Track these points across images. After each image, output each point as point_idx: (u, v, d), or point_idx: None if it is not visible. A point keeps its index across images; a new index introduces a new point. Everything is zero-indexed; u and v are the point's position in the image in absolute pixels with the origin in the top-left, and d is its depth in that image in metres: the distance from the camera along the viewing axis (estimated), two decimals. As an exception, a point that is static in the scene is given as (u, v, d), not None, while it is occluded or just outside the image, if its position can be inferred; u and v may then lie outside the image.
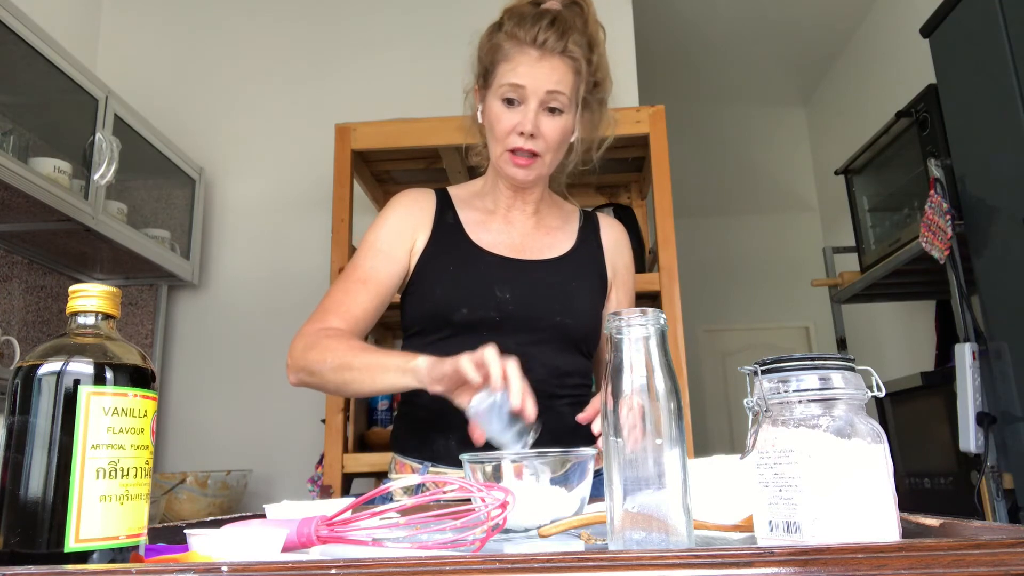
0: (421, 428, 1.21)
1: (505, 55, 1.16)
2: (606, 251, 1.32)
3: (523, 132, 1.15)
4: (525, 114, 1.15)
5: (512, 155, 1.17)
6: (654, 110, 2.16)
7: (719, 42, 4.14)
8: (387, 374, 1.06)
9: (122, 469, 0.55)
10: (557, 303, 1.19)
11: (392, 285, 1.22)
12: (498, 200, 1.28)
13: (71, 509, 0.53)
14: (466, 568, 0.45)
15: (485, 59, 1.20)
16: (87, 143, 2.08)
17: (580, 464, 0.78)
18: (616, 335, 0.60)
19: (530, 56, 1.14)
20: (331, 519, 0.61)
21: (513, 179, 1.21)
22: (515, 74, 1.14)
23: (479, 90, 1.23)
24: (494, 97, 1.17)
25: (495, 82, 1.17)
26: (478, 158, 1.33)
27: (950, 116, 2.12)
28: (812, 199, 5.05)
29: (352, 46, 2.93)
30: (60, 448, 0.53)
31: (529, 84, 1.14)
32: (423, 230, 1.24)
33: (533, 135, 1.15)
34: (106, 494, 0.54)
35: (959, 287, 2.08)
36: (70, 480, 0.53)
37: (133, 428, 0.56)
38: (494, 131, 1.18)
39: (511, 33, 1.16)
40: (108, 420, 0.55)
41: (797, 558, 0.45)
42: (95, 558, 0.53)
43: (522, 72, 1.14)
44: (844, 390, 0.56)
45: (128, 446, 0.56)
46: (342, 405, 2.05)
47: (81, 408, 0.54)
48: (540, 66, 1.14)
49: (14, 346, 2.01)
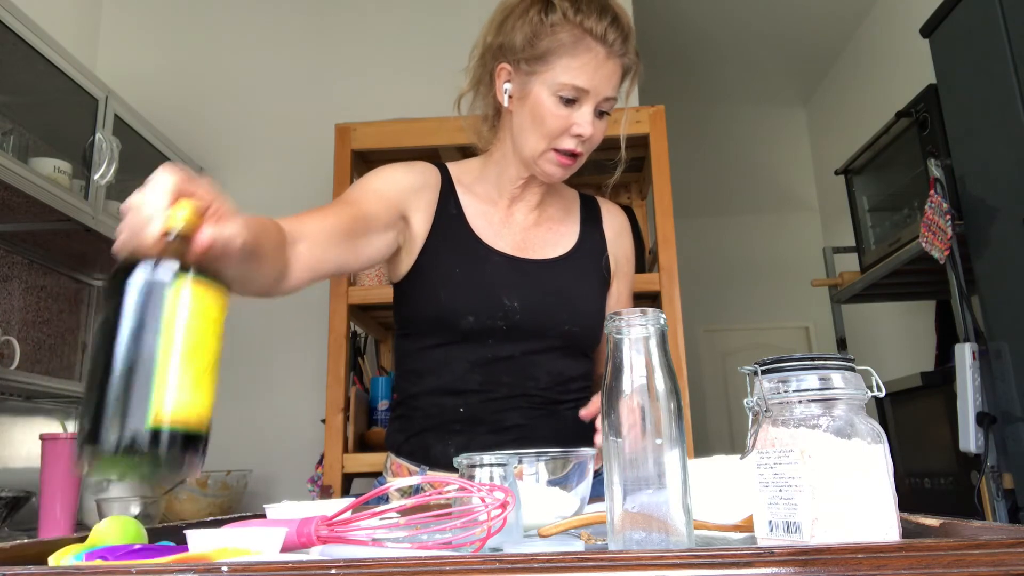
0: (417, 432, 1.17)
1: (567, 48, 1.05)
2: (609, 242, 1.27)
3: (580, 135, 1.08)
4: (582, 116, 1.07)
5: (557, 154, 1.10)
6: (654, 110, 2.16)
7: (719, 42, 4.15)
8: None
9: (199, 360, 0.58)
10: (564, 312, 1.16)
11: (372, 226, 1.09)
12: (503, 190, 1.20)
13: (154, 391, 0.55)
14: (466, 568, 0.45)
15: (537, 43, 1.07)
16: (87, 143, 2.08)
17: (580, 464, 0.78)
18: (616, 335, 0.60)
19: (597, 56, 1.05)
20: (331, 519, 0.61)
21: (550, 176, 1.14)
22: (581, 75, 1.05)
23: (517, 72, 1.10)
24: (546, 89, 1.07)
25: (551, 76, 1.06)
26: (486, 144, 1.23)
27: (950, 116, 2.12)
28: (812, 199, 5.05)
29: (352, 46, 2.93)
30: (146, 336, 0.56)
31: (593, 88, 1.06)
32: (424, 212, 1.16)
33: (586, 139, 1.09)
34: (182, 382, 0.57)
35: (959, 287, 2.08)
36: (154, 366, 0.55)
37: (207, 319, 0.59)
38: (544, 127, 1.08)
39: (573, 20, 1.05)
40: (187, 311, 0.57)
41: (797, 558, 0.45)
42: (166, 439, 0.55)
43: (589, 73, 1.05)
44: (844, 390, 0.56)
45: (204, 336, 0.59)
46: (342, 405, 2.05)
47: (168, 300, 0.57)
48: (605, 68, 1.06)
49: (14, 346, 2.01)
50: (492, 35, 1.13)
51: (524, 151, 1.12)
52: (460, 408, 1.13)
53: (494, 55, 1.13)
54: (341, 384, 2.06)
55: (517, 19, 1.09)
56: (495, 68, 1.13)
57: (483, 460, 0.69)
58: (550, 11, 1.06)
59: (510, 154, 1.17)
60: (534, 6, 1.08)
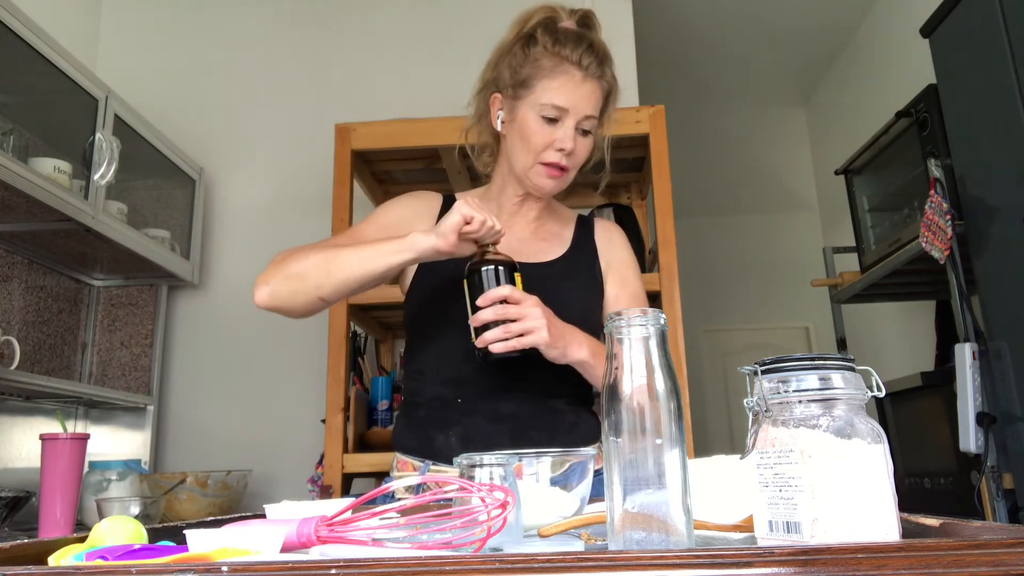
0: (421, 426, 1.24)
1: (547, 72, 1.20)
2: (599, 250, 1.35)
3: (563, 149, 1.20)
4: (564, 132, 1.20)
5: (545, 167, 1.22)
6: (654, 110, 2.16)
7: (719, 42, 4.14)
8: (382, 255, 1.11)
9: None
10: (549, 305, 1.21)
11: None
12: (503, 206, 1.33)
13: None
14: (466, 568, 0.45)
15: (521, 71, 1.22)
16: (87, 143, 2.08)
17: (580, 464, 0.78)
18: (616, 335, 0.60)
19: (574, 78, 1.19)
20: (331, 519, 0.61)
21: (541, 189, 1.26)
22: (560, 95, 1.19)
23: (506, 99, 1.25)
24: (531, 111, 1.21)
25: (534, 97, 1.20)
26: (486, 167, 1.37)
27: (950, 116, 2.12)
28: (812, 199, 5.05)
29: (352, 46, 2.93)
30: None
31: (572, 107, 1.19)
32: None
33: (569, 153, 1.21)
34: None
35: (959, 287, 2.08)
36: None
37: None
38: (530, 143, 1.21)
39: (552, 51, 1.20)
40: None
41: (797, 558, 0.45)
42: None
43: (567, 93, 1.19)
44: (844, 390, 0.56)
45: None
46: (342, 405, 2.05)
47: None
48: (582, 89, 1.19)
49: (14, 346, 2.01)
50: (488, 73, 1.30)
51: (516, 167, 1.26)
52: (458, 399, 1.22)
53: (489, 88, 1.29)
54: (341, 384, 2.06)
55: (506, 56, 1.26)
56: (490, 99, 1.29)
57: (483, 460, 0.69)
58: (532, 44, 1.22)
59: (507, 174, 1.31)
60: (519, 42, 1.24)
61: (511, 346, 1.07)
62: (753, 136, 5.04)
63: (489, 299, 1.07)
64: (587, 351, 1.14)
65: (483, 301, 1.08)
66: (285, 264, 1.18)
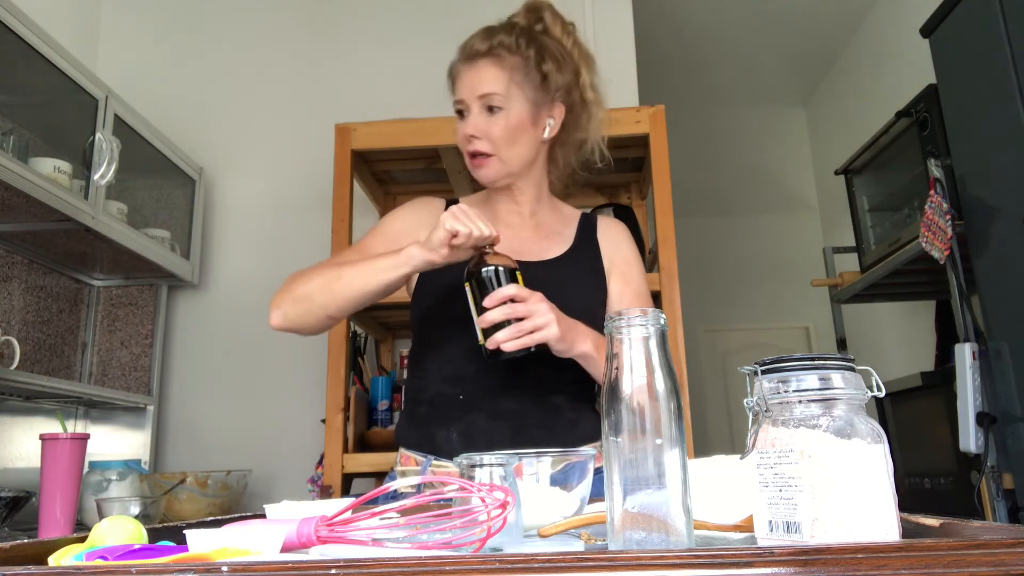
0: (423, 422, 1.26)
1: (452, 78, 1.29)
2: (602, 248, 1.36)
3: (466, 135, 1.25)
4: (466, 120, 1.26)
5: (470, 159, 1.27)
6: (654, 110, 2.16)
7: (719, 42, 4.14)
8: (380, 271, 1.14)
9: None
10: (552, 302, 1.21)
11: None
12: (496, 207, 1.35)
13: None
14: (466, 568, 0.45)
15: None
16: (87, 143, 2.08)
17: (580, 464, 0.78)
18: (616, 335, 0.60)
19: (460, 71, 1.27)
20: (331, 519, 0.61)
21: (479, 180, 1.30)
22: (456, 92, 1.27)
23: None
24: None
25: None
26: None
27: (950, 116, 2.11)
28: (812, 199, 5.05)
29: (352, 46, 2.93)
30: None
31: (465, 95, 1.25)
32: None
33: (476, 136, 1.24)
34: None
35: (959, 287, 2.07)
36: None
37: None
38: (460, 146, 1.29)
39: (455, 59, 1.29)
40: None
41: (797, 558, 0.45)
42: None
43: (458, 86, 1.27)
44: (844, 390, 0.56)
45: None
46: (342, 405, 2.05)
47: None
48: (469, 74, 1.25)
49: (14, 346, 2.01)
50: None
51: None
52: (460, 396, 1.23)
53: None
54: (341, 384, 2.06)
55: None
56: None
57: (483, 460, 0.69)
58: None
59: None
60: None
61: (523, 343, 1.07)
62: (753, 136, 5.04)
63: (496, 299, 1.08)
64: (591, 344, 1.15)
65: (490, 302, 1.08)
66: (293, 286, 1.21)
